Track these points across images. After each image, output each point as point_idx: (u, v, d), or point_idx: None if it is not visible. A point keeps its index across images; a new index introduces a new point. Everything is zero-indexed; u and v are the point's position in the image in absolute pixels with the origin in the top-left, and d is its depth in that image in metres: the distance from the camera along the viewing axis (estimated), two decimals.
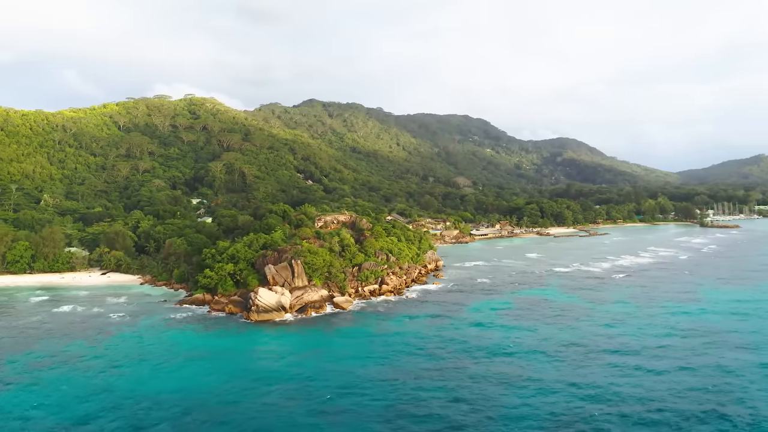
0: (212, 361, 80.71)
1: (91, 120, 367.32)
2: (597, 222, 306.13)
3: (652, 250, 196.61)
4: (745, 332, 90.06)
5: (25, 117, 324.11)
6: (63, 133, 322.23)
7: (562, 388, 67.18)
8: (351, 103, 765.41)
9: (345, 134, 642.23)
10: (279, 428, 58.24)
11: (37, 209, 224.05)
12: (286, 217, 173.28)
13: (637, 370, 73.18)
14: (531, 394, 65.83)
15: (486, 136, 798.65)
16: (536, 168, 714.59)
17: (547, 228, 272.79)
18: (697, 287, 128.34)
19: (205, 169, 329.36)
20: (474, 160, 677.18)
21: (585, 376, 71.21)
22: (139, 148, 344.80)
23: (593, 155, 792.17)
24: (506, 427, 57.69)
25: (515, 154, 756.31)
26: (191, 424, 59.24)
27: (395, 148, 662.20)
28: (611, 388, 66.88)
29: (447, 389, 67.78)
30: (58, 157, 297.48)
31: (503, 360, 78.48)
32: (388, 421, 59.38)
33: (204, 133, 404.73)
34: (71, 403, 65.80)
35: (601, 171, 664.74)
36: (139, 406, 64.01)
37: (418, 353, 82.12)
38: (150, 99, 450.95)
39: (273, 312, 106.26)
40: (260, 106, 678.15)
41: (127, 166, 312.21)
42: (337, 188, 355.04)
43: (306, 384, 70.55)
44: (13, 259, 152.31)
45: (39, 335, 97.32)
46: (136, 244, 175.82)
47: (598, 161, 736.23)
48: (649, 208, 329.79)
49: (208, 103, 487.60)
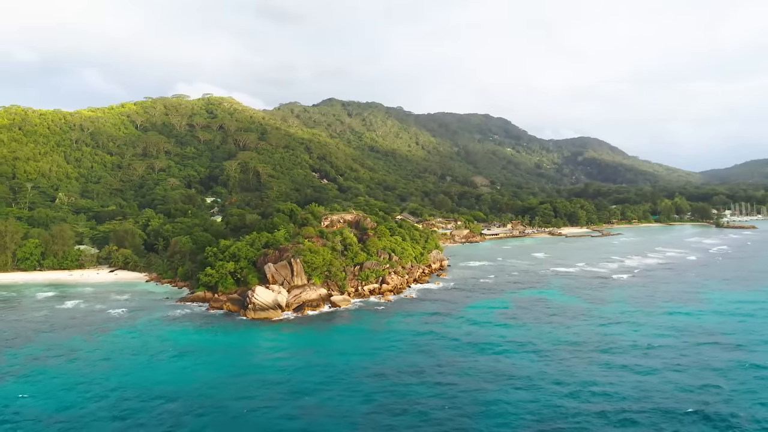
0: (201, 357, 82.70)
1: (109, 119, 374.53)
2: (611, 222, 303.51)
3: (661, 250, 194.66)
4: (741, 334, 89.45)
5: (44, 116, 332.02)
6: (80, 133, 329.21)
7: (543, 386, 67.79)
8: (370, 103, 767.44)
9: (363, 133, 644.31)
10: (253, 419, 59.82)
11: (52, 207, 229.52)
12: (293, 216, 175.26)
13: (622, 369, 73.47)
14: (511, 391, 66.58)
15: (506, 135, 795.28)
16: (557, 167, 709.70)
17: (559, 228, 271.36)
18: (700, 288, 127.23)
19: (220, 168, 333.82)
20: (494, 160, 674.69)
21: (570, 374, 71.66)
22: (156, 147, 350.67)
23: (614, 154, 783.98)
24: (480, 423, 58.48)
25: (536, 153, 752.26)
26: (168, 414, 61.19)
27: (414, 147, 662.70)
28: (593, 387, 67.33)
29: (428, 385, 68.87)
30: (74, 156, 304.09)
31: (489, 358, 79.18)
32: (364, 415, 60.61)
33: (220, 133, 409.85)
34: (58, 393, 68.59)
35: (622, 170, 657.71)
36: (122, 397, 66.42)
37: (405, 351, 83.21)
38: (168, 99, 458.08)
39: (269, 310, 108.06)
40: (279, 105, 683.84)
41: (143, 164, 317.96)
42: (352, 187, 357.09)
43: (288, 378, 72.29)
44: (24, 257, 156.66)
45: (40, 330, 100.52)
46: (146, 243, 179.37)
47: (619, 161, 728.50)
48: (664, 209, 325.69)
49: (225, 102, 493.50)
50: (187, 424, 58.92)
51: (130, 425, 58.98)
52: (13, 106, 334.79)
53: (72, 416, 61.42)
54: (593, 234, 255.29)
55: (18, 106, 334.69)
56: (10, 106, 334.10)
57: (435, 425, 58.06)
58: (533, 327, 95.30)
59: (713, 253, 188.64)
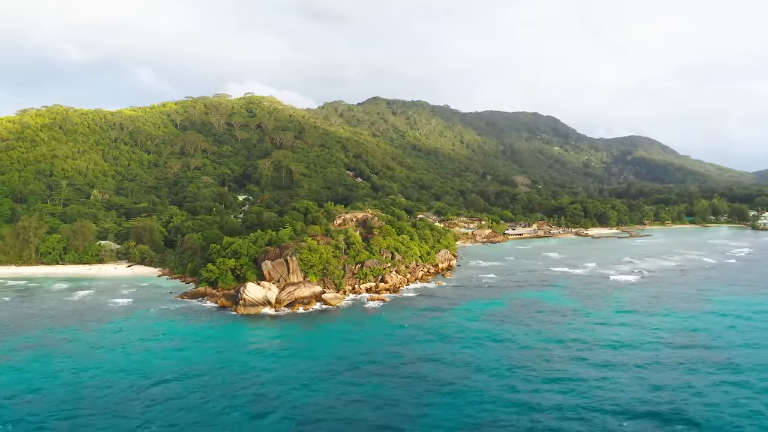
0: (175, 349, 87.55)
1: (149, 118, 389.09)
2: (644, 223, 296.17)
3: (682, 252, 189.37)
4: (727, 338, 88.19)
5: (84, 116, 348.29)
6: (119, 131, 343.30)
7: (496, 391, 68.77)
8: (416, 101, 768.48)
9: (406, 132, 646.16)
10: (193, 408, 63.82)
11: (85, 204, 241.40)
12: (307, 215, 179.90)
13: (581, 369, 74.07)
14: (459, 395, 67.68)
15: (555, 133, 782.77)
16: (605, 167, 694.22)
17: (587, 228, 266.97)
18: (704, 292, 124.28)
19: (253, 167, 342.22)
20: (540, 159, 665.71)
21: (526, 380, 72.11)
22: (193, 145, 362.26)
23: (665, 154, 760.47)
24: (413, 423, 60.27)
25: (584, 152, 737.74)
26: (121, 400, 66.26)
27: (458, 145, 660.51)
28: (547, 393, 67.92)
29: (372, 385, 70.93)
30: (112, 155, 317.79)
31: (450, 360, 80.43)
32: (295, 407, 63.78)
33: (258, 131, 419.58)
34: (33, 378, 75.16)
35: (671, 170, 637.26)
36: (88, 383, 72.24)
37: (369, 351, 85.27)
38: (209, 98, 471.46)
39: (259, 306, 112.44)
40: (324, 104, 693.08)
41: (179, 163, 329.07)
42: (385, 186, 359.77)
43: (240, 373, 76.13)
44: (46, 251, 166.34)
45: (42, 319, 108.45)
46: (166, 239, 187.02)
47: (669, 160, 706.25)
48: (700, 209, 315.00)
49: (266, 101, 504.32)
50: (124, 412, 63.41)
51: (75, 407, 64.10)
52: (56, 105, 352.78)
53: (31, 398, 67.12)
54: (620, 235, 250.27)
55: (60, 106, 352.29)
56: (53, 105, 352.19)
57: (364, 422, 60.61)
58: (515, 330, 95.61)
59: (734, 256, 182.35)
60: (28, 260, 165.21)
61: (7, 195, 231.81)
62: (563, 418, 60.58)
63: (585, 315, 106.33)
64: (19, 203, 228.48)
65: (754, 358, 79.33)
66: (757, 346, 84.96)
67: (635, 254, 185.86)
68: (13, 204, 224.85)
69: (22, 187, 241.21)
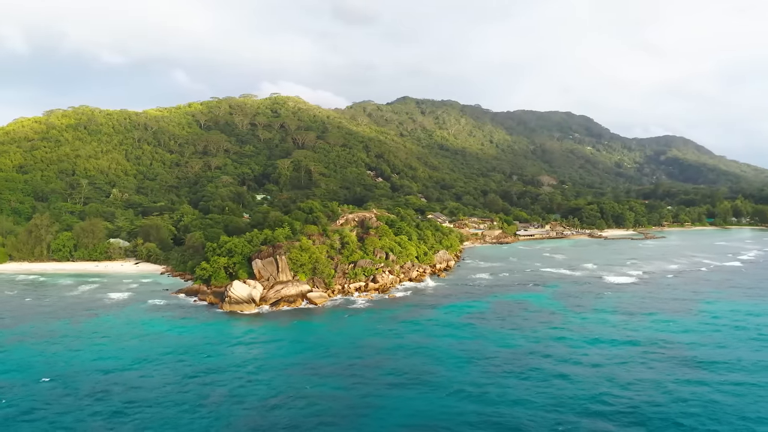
0: (151, 342, 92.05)
1: (174, 118, 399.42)
2: (662, 224, 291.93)
3: (691, 255, 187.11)
4: (707, 346, 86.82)
5: (110, 116, 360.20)
6: (143, 132, 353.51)
7: (436, 391, 70.54)
8: (445, 101, 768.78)
9: (434, 131, 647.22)
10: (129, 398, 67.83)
11: (105, 202, 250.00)
12: (311, 214, 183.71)
13: (540, 374, 74.90)
14: (418, 395, 69.13)
15: (587, 133, 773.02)
16: (638, 167, 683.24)
17: (601, 230, 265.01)
18: (699, 297, 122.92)
19: (273, 166, 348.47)
20: (571, 158, 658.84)
21: (486, 381, 73.33)
22: (216, 145, 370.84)
23: (700, 154, 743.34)
24: (368, 420, 62.41)
25: (617, 152, 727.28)
26: (86, 389, 70.67)
27: (487, 145, 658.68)
28: (499, 390, 69.65)
29: (328, 385, 72.47)
30: (135, 154, 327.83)
31: (415, 361, 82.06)
32: (234, 397, 66.97)
33: (281, 131, 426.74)
34: (9, 369, 79.54)
35: (704, 171, 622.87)
36: (61, 373, 77.01)
37: (338, 351, 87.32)
38: (234, 98, 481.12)
39: (243, 304, 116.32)
40: (352, 104, 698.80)
41: (200, 162, 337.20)
42: (405, 186, 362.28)
43: (191, 363, 80.00)
44: (57, 248, 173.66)
45: (37, 313, 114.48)
46: (175, 237, 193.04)
47: (703, 160, 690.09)
48: (722, 211, 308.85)
49: (290, 101, 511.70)
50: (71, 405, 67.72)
51: (44, 396, 68.78)
52: (82, 106, 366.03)
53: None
54: (634, 236, 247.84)
55: (86, 107, 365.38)
56: (79, 106, 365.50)
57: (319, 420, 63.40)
58: (488, 332, 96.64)
59: (741, 260, 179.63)
60: (39, 257, 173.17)
61: (29, 194, 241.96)
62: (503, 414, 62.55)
63: (564, 317, 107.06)
64: (40, 202, 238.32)
65: (718, 356, 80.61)
66: (725, 346, 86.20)
67: (641, 256, 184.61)
68: (34, 202, 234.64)
69: (43, 186, 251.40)
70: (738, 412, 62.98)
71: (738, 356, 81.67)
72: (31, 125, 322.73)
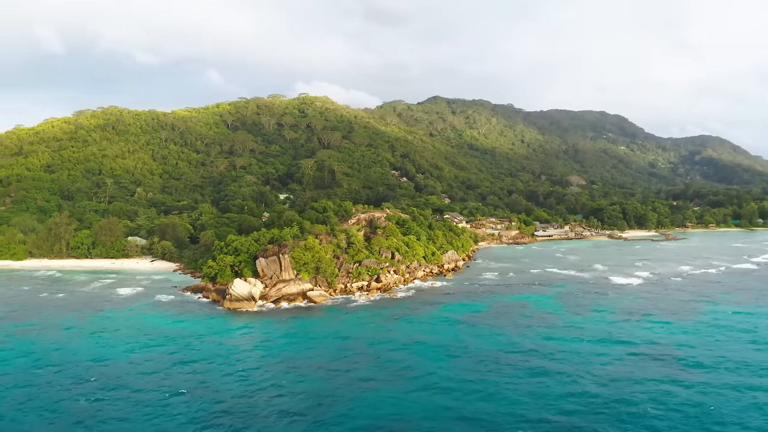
0: (144, 336, 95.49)
1: (202, 119, 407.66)
2: (686, 226, 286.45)
3: (708, 257, 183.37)
4: (698, 350, 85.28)
5: (138, 117, 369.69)
6: (170, 132, 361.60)
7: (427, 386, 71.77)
8: (476, 100, 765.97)
9: (464, 131, 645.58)
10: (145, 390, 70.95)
11: (129, 201, 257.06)
12: (324, 213, 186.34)
13: (524, 376, 75.17)
14: (391, 390, 70.46)
15: (621, 133, 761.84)
16: (672, 167, 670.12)
17: (622, 230, 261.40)
18: (702, 301, 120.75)
19: (297, 166, 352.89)
20: (603, 158, 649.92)
21: (465, 377, 74.38)
22: (242, 145, 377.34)
23: (736, 154, 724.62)
24: (340, 416, 63.89)
25: (650, 152, 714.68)
26: (75, 377, 74.33)
27: (518, 144, 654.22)
28: (479, 389, 70.58)
29: (308, 381, 74.15)
30: (161, 154, 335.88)
31: (396, 357, 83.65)
32: (217, 392, 69.51)
33: (307, 131, 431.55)
34: (9, 358, 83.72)
35: (739, 171, 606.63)
36: (55, 363, 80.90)
37: (323, 347, 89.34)
38: (262, 98, 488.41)
39: (243, 301, 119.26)
40: (383, 104, 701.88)
41: (225, 162, 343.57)
42: (429, 186, 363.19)
43: (178, 356, 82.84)
44: (75, 245, 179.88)
45: (52, 306, 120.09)
46: (192, 236, 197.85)
47: (738, 160, 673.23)
48: (748, 212, 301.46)
49: (318, 101, 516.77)
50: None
51: (36, 383, 72.49)
52: (111, 107, 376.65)
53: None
54: (655, 238, 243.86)
55: (115, 107, 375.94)
56: (108, 107, 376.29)
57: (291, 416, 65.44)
58: (481, 333, 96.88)
59: (758, 263, 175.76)
60: (59, 254, 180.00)
61: (55, 192, 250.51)
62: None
63: (560, 317, 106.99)
64: (65, 200, 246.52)
65: (706, 358, 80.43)
66: (715, 348, 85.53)
67: (655, 258, 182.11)
68: (60, 201, 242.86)
69: (69, 185, 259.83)
70: (704, 414, 62.82)
71: (727, 358, 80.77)
72: (60, 125, 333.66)
